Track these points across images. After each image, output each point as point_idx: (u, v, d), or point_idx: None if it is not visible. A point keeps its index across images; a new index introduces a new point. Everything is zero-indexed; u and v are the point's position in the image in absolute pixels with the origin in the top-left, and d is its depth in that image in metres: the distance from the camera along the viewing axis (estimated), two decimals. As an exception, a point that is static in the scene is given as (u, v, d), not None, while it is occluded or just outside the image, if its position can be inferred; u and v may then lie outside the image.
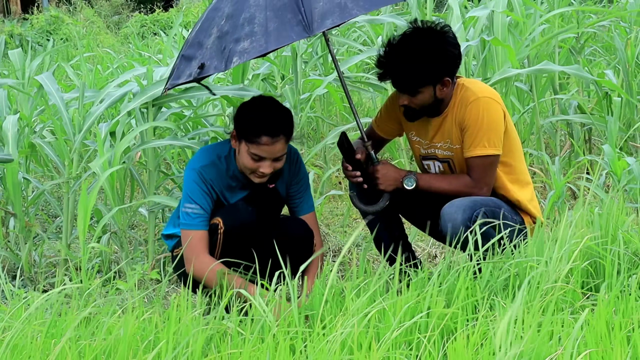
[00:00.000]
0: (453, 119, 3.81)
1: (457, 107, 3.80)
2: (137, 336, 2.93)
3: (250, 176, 3.73)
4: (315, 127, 7.58)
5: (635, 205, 4.42)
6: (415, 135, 4.01)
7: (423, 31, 3.75)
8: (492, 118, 3.75)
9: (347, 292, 3.06)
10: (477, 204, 3.67)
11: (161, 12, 19.08)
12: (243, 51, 3.34)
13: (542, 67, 5.75)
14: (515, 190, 3.89)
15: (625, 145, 6.25)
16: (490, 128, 3.74)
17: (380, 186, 3.85)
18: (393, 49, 3.74)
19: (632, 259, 3.39)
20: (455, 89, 3.82)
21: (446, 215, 3.69)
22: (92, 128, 5.18)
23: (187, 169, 3.77)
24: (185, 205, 3.72)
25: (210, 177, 3.74)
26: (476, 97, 3.75)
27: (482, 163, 3.77)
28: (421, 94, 3.74)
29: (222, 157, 3.79)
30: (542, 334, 2.68)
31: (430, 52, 3.68)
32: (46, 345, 2.88)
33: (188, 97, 5.21)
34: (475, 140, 3.75)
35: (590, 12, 7.55)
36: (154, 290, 4.44)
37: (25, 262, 4.99)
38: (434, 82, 3.72)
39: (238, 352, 2.79)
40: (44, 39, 16.40)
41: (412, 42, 3.71)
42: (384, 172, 3.85)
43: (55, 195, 6.43)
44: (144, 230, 5.81)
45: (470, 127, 3.75)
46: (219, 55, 3.42)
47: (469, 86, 3.82)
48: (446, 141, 3.87)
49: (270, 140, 3.62)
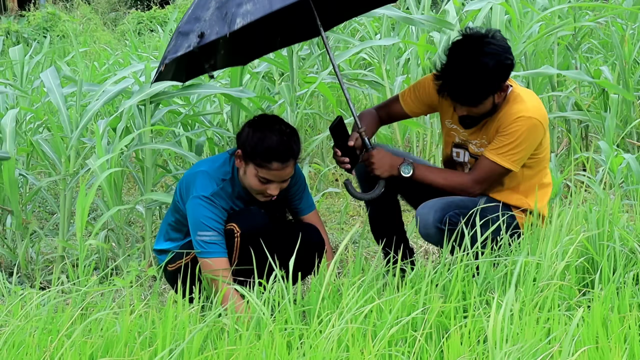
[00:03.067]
0: (498, 124, 3.79)
1: (504, 115, 3.77)
2: (135, 333, 2.93)
3: (257, 196, 3.72)
4: (312, 123, 7.58)
5: (631, 202, 4.42)
6: (452, 123, 3.97)
7: (477, 41, 3.69)
8: (530, 141, 3.74)
9: (343, 289, 3.07)
10: (451, 205, 3.68)
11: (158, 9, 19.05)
12: (246, 13, 3.25)
13: (542, 70, 5.77)
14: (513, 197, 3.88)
15: (622, 142, 6.25)
16: (519, 146, 3.72)
17: (375, 171, 3.82)
18: (452, 64, 3.68)
19: (628, 255, 3.39)
20: (509, 95, 3.79)
21: (419, 216, 3.72)
22: (88, 125, 5.18)
23: (193, 197, 3.67)
24: (200, 234, 3.64)
25: (221, 204, 3.69)
26: (528, 117, 3.71)
27: (491, 168, 3.77)
28: (482, 105, 3.71)
29: (227, 180, 3.73)
30: (538, 330, 2.69)
31: (491, 65, 3.62)
32: (43, 342, 2.88)
33: (186, 94, 5.21)
34: (503, 148, 3.73)
35: (587, 9, 7.56)
36: (150, 287, 4.44)
37: (22, 259, 4.98)
38: (496, 91, 3.70)
39: (235, 348, 2.79)
40: (41, 36, 16.38)
41: (472, 55, 3.64)
42: (379, 157, 3.82)
43: (52, 192, 6.43)
44: (141, 227, 5.81)
45: (507, 135, 3.73)
46: (220, 22, 3.33)
47: (523, 98, 3.78)
48: (482, 138, 3.86)
49: (281, 165, 3.60)
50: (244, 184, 3.72)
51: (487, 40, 3.67)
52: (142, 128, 4.99)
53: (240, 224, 3.68)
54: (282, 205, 3.95)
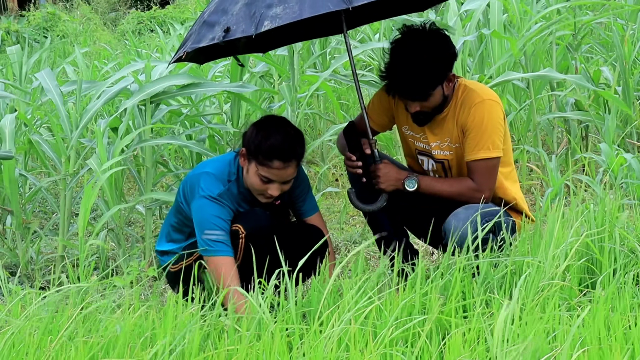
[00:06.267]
0: (455, 119, 3.79)
1: (460, 108, 3.78)
2: (135, 333, 2.93)
3: (258, 197, 3.72)
4: (312, 124, 7.58)
5: (631, 202, 4.42)
6: (409, 129, 3.98)
7: (416, 34, 3.71)
8: (495, 121, 3.74)
9: (344, 290, 3.06)
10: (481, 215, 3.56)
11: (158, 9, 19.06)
12: (275, 16, 3.27)
13: (544, 73, 5.77)
14: (510, 187, 3.89)
15: (622, 142, 6.25)
16: (493, 131, 3.73)
17: (380, 185, 3.81)
18: (395, 60, 3.69)
19: (629, 255, 3.39)
20: (457, 88, 3.81)
21: (454, 229, 3.59)
22: (88, 125, 5.17)
23: (200, 197, 3.67)
24: (206, 232, 3.64)
25: (228, 203, 3.70)
26: (481, 100, 3.74)
27: (486, 166, 3.76)
28: (432, 97, 3.71)
29: (233, 181, 3.74)
30: (540, 330, 2.69)
31: (434, 52, 3.64)
32: (43, 342, 2.88)
33: (187, 93, 5.21)
34: (480, 143, 3.73)
35: (587, 8, 7.56)
36: (150, 287, 4.44)
37: (23, 259, 4.98)
38: (442, 80, 3.70)
39: (235, 348, 2.79)
40: (41, 35, 16.38)
41: (413, 48, 3.65)
42: (385, 171, 3.82)
43: (52, 192, 6.43)
44: (141, 227, 5.81)
45: (474, 129, 3.74)
46: (248, 20, 3.34)
47: (472, 87, 3.81)
48: (445, 140, 3.85)
49: (283, 165, 3.60)
50: (247, 184, 3.72)
51: (426, 33, 3.70)
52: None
53: (245, 225, 3.69)
54: (285, 207, 3.94)
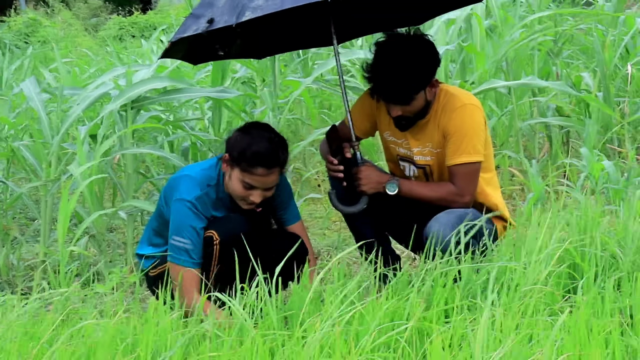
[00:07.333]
0: (436, 124, 3.81)
1: (441, 113, 3.79)
2: (117, 339, 2.91)
3: (240, 203, 3.71)
4: (294, 129, 7.58)
5: (612, 208, 4.44)
6: (390, 135, 3.99)
7: (401, 38, 3.74)
8: (476, 125, 3.76)
9: (326, 296, 3.06)
10: (461, 219, 3.59)
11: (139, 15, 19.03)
12: (257, 7, 3.31)
13: (527, 81, 5.81)
14: (492, 193, 3.91)
15: (603, 147, 6.29)
16: (474, 135, 3.75)
17: (361, 187, 3.82)
18: (380, 62, 3.71)
19: (610, 261, 3.41)
20: (438, 94, 3.83)
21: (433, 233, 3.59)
22: (69, 131, 5.15)
23: (176, 200, 3.66)
24: (175, 238, 3.64)
25: (203, 209, 3.68)
26: (462, 104, 3.76)
27: (467, 170, 3.77)
28: (415, 101, 3.72)
29: (212, 186, 3.73)
30: (520, 335, 2.69)
31: (418, 57, 3.67)
32: (24, 349, 2.87)
33: (168, 99, 5.21)
34: (460, 148, 3.75)
35: (567, 15, 7.60)
36: (132, 293, 4.43)
37: (3, 265, 4.96)
38: (425, 85, 3.72)
39: (217, 355, 2.78)
40: (22, 41, 16.32)
41: (397, 52, 3.68)
42: (366, 173, 3.83)
43: (33, 199, 6.39)
44: (123, 233, 5.79)
45: (455, 133, 3.75)
46: (231, 11, 3.39)
47: (453, 92, 3.83)
48: (426, 145, 3.86)
49: (266, 171, 3.60)
50: (229, 190, 3.71)
51: (411, 38, 3.73)
52: (122, 135, 4.97)
53: (219, 231, 3.67)
54: (267, 215, 3.93)
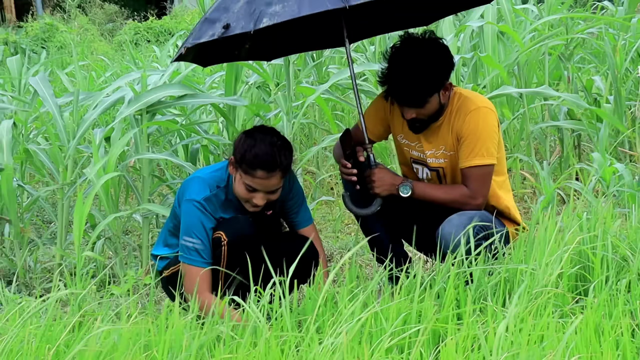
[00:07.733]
0: (450, 127, 3.84)
1: (455, 115, 3.82)
2: (132, 341, 2.95)
3: (245, 205, 3.74)
4: (307, 133, 7.61)
5: (623, 210, 4.46)
6: (404, 138, 4.02)
7: (416, 41, 3.78)
8: (489, 128, 3.79)
9: (339, 298, 3.09)
10: (472, 221, 3.62)
11: (155, 20, 19.11)
12: (274, 13, 3.33)
13: (541, 90, 5.84)
14: (504, 196, 3.93)
15: (615, 150, 6.29)
16: (487, 138, 3.78)
17: (375, 189, 3.85)
18: (395, 65, 3.75)
19: (620, 263, 3.42)
20: (452, 97, 3.86)
21: (447, 235, 3.65)
22: (85, 134, 5.20)
23: (186, 200, 3.70)
24: (185, 238, 3.68)
25: (212, 209, 3.71)
26: (476, 107, 3.79)
27: (480, 173, 3.79)
28: (429, 104, 3.75)
29: (221, 187, 3.76)
30: (533, 338, 2.72)
31: (432, 60, 3.70)
32: (41, 350, 2.90)
33: (182, 104, 5.24)
34: (474, 150, 3.77)
35: (579, 19, 7.61)
36: (147, 294, 4.47)
37: (20, 268, 5.01)
38: (439, 88, 3.75)
39: (232, 357, 2.81)
40: (39, 46, 16.42)
41: (412, 55, 3.71)
42: (380, 176, 3.85)
43: (50, 202, 6.45)
44: (138, 235, 5.84)
45: (468, 136, 3.78)
46: (247, 17, 3.40)
47: (468, 95, 3.86)
48: (440, 147, 3.89)
49: (266, 174, 3.62)
50: (235, 193, 3.75)
51: (426, 41, 3.76)
52: (138, 138, 5.02)
53: (227, 232, 3.69)
54: (277, 217, 3.96)
